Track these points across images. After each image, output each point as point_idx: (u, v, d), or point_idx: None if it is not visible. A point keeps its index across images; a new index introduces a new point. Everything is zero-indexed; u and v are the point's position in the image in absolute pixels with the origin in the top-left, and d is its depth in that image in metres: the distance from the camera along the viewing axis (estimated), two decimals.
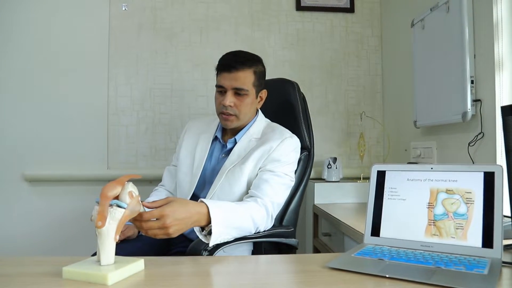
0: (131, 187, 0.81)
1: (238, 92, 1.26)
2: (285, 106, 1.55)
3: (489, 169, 0.89)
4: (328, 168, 2.11)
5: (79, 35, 2.15)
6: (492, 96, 1.27)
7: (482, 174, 0.89)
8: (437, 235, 0.90)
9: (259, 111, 1.42)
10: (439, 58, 1.52)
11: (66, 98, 2.13)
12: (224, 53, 1.33)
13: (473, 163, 1.35)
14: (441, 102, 1.50)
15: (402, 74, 2.05)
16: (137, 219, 0.84)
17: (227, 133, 1.39)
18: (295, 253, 1.36)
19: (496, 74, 1.24)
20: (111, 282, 0.72)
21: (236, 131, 1.35)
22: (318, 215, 1.97)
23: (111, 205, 0.78)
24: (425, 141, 1.74)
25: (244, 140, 1.32)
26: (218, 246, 1.01)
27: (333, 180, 2.09)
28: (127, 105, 2.19)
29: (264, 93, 1.37)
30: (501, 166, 0.88)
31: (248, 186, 1.26)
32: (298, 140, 1.32)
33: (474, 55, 1.35)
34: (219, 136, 1.38)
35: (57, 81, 2.12)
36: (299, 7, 2.29)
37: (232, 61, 1.25)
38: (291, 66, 2.29)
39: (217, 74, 1.32)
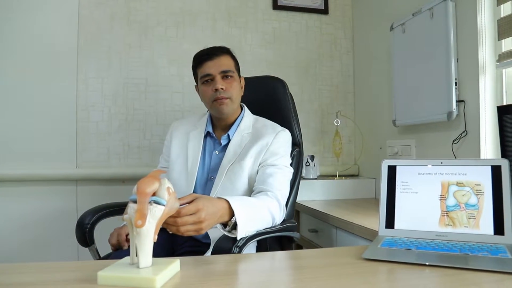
0: (168, 183, 0.76)
1: (226, 75, 1.28)
2: (275, 103, 1.56)
3: (496, 163, 0.97)
4: (307, 165, 2.15)
5: (45, 23, 1.97)
6: (475, 97, 1.38)
7: (489, 168, 0.97)
8: (451, 225, 0.97)
9: (245, 106, 1.42)
10: (422, 61, 1.62)
11: (30, 92, 1.94)
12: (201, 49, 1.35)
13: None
14: (424, 102, 1.60)
15: (375, 75, 2.16)
16: (173, 215, 0.79)
17: (217, 128, 1.37)
18: (292, 246, 1.38)
19: (480, 77, 1.36)
20: (159, 286, 0.67)
21: (227, 126, 1.34)
22: (300, 211, 2.00)
23: (149, 202, 0.72)
24: (403, 139, 1.85)
25: (237, 136, 1.32)
26: (245, 243, 0.99)
27: (311, 177, 2.14)
28: (98, 100, 2.05)
29: (243, 81, 1.39)
30: (507, 160, 0.96)
31: (250, 182, 1.26)
32: (289, 133, 1.37)
33: (457, 59, 1.46)
34: (210, 130, 1.36)
35: (21, 73, 1.93)
36: (276, 6, 2.30)
37: (211, 50, 1.30)
38: (267, 64, 2.29)
39: (197, 69, 1.32)
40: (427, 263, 0.78)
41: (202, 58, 1.29)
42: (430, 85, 1.57)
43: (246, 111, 1.40)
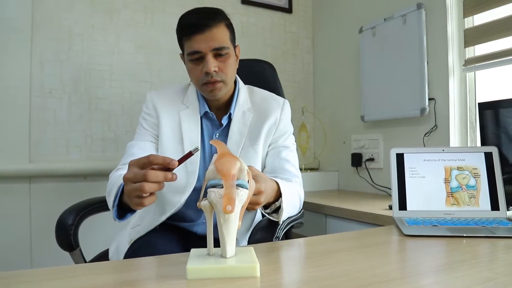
0: (243, 163, 0.73)
1: (219, 53, 1.05)
2: (265, 88, 1.54)
3: (488, 150, 1.14)
4: None
5: None
6: (445, 96, 1.58)
7: (483, 154, 1.14)
8: (456, 204, 1.11)
9: (237, 75, 1.25)
10: (393, 62, 1.79)
11: None
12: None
13: None
14: (396, 99, 1.78)
15: (339, 73, 2.30)
16: None
17: (212, 106, 1.19)
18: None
19: (450, 78, 1.57)
20: (259, 273, 0.66)
21: (225, 103, 1.19)
22: None
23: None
24: (370, 133, 2.02)
25: (237, 113, 1.17)
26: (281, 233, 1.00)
27: None
28: (56, 85, 1.84)
29: (238, 50, 1.18)
30: (497, 147, 1.13)
31: (262, 166, 1.20)
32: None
33: (427, 62, 1.65)
34: (208, 110, 1.17)
35: None
36: (244, 1, 2.32)
37: (202, 19, 1.03)
38: None
39: (182, 40, 1.09)
40: (464, 235, 0.90)
41: (190, 28, 1.04)
42: (402, 84, 1.74)
43: (240, 82, 1.24)
